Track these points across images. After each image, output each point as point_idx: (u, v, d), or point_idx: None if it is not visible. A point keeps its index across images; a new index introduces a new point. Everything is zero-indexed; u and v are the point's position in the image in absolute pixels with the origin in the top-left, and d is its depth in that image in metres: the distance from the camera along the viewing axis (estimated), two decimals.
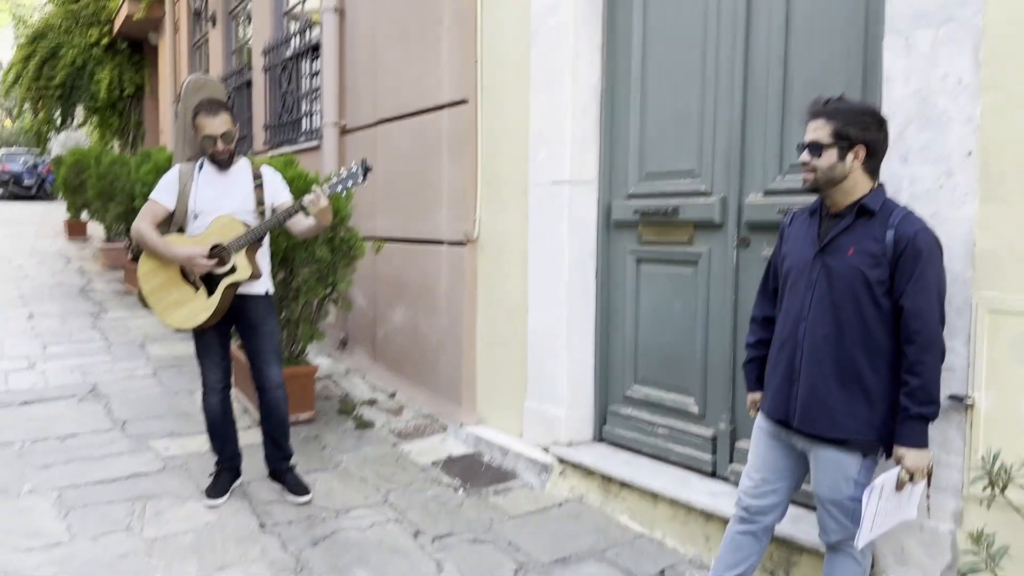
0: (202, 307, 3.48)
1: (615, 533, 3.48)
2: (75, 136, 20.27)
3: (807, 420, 2.35)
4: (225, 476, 3.76)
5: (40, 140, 14.96)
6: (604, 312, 4.00)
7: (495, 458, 4.23)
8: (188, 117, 3.71)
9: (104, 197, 8.67)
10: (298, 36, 6.96)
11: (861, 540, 2.26)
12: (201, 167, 3.59)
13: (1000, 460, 2.08)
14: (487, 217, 4.50)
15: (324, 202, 3.39)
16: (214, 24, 9.83)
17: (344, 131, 5.97)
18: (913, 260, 2.19)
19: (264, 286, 3.64)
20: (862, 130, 2.24)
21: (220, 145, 3.49)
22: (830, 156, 2.26)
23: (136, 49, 13.82)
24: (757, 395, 2.62)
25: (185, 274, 3.52)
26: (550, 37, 3.96)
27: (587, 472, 3.79)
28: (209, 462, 3.93)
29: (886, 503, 2.27)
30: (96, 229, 12.07)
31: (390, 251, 5.19)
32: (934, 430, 2.46)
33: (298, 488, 3.73)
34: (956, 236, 2.42)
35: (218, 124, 3.47)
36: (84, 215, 11.61)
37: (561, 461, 3.92)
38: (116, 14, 12.76)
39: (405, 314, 5.23)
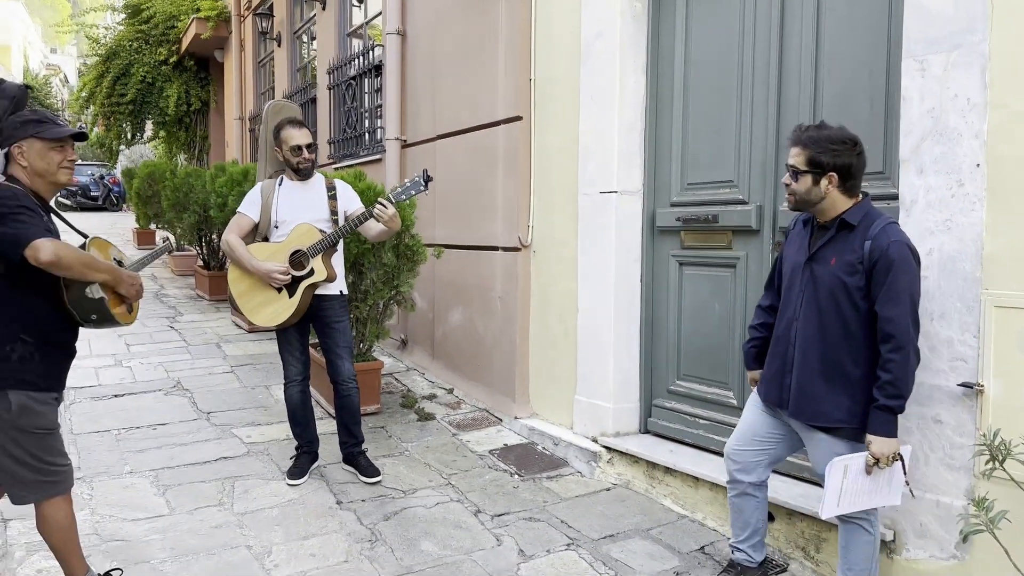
0: (284, 307, 3.87)
1: (659, 514, 3.79)
2: (139, 149, 21.17)
3: (797, 410, 2.68)
4: (304, 459, 4.15)
5: (111, 154, 15.74)
6: (649, 312, 4.31)
7: (547, 447, 4.57)
8: (270, 137, 4.13)
9: (178, 208, 9.21)
10: (361, 56, 7.39)
11: (824, 512, 2.55)
12: (281, 183, 4.00)
13: (1000, 436, 2.36)
14: (539, 225, 4.85)
15: (392, 210, 3.77)
16: (279, 43, 10.36)
17: (405, 145, 6.38)
18: (886, 269, 2.46)
19: (339, 287, 4.03)
20: (834, 157, 2.53)
21: (305, 153, 3.92)
22: (805, 181, 2.58)
23: (203, 66, 14.51)
24: (756, 373, 2.99)
25: None
26: (599, 59, 4.30)
27: (633, 459, 4.10)
28: (288, 448, 4.34)
29: (856, 483, 2.54)
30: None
31: (449, 256, 5.57)
32: (948, 414, 2.74)
33: (370, 470, 4.11)
34: (966, 239, 2.68)
35: (303, 136, 3.93)
36: (152, 225, 12.21)
37: (609, 450, 4.24)
38: (184, 33, 13.43)
39: (462, 315, 5.60)
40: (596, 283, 4.37)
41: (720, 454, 3.87)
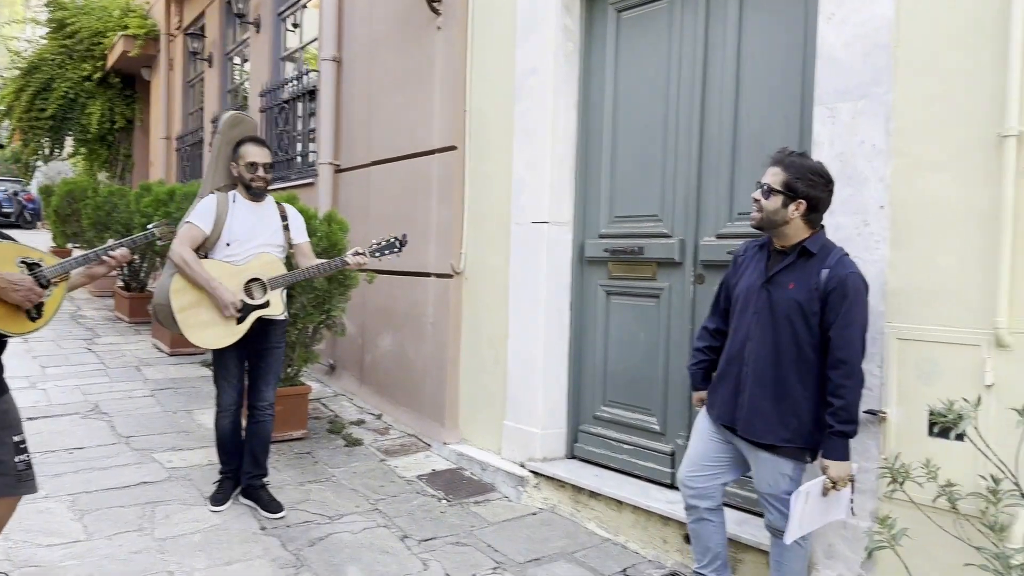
0: (229, 333, 3.75)
1: (584, 538, 3.87)
2: (57, 166, 20.47)
3: (749, 428, 2.78)
4: (228, 484, 4.07)
5: (26, 170, 15.19)
6: (577, 340, 4.42)
7: (475, 472, 4.61)
8: (226, 149, 3.96)
9: (99, 227, 8.95)
10: (295, 80, 7.39)
11: (788, 537, 2.68)
12: (234, 199, 3.87)
13: (900, 460, 2.53)
14: (472, 252, 4.94)
15: (367, 263, 3.82)
16: (210, 64, 10.25)
17: (339, 170, 6.40)
18: (841, 299, 2.60)
19: (284, 312, 3.94)
20: (808, 187, 2.65)
21: (261, 171, 3.83)
22: (775, 201, 2.69)
23: (128, 84, 14.18)
24: (703, 393, 3.06)
25: None
26: (532, 94, 4.44)
27: (560, 484, 4.18)
28: (211, 473, 4.27)
29: (813, 506, 2.69)
30: None
31: (380, 282, 5.59)
32: (855, 441, 2.91)
33: (273, 505, 3.95)
34: (871, 275, 2.87)
35: (262, 154, 3.87)
36: (70, 244, 11.81)
37: (536, 475, 4.31)
38: (110, 50, 13.13)
39: (393, 340, 5.62)
40: (526, 311, 4.47)
41: (643, 478, 4.01)
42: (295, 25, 7.92)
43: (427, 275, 5.22)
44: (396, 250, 3.92)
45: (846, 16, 2.98)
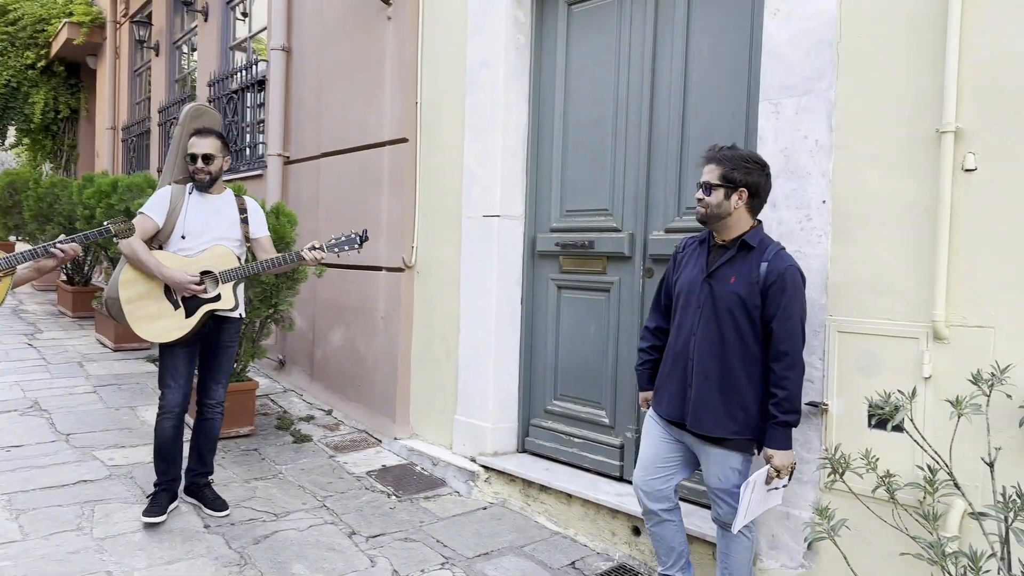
0: (177, 326, 3.61)
1: (533, 531, 3.87)
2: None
3: (697, 422, 2.79)
4: (163, 497, 3.80)
5: None
6: (528, 334, 4.41)
7: (426, 468, 4.58)
8: (184, 141, 3.83)
9: (41, 219, 8.69)
10: (245, 70, 7.25)
11: (736, 526, 2.71)
12: (191, 191, 3.74)
13: (840, 451, 2.57)
14: (423, 246, 4.89)
15: (325, 258, 3.69)
16: (157, 53, 10.01)
17: (288, 161, 6.30)
18: (780, 291, 2.64)
19: (239, 310, 3.82)
20: (745, 175, 2.69)
21: (200, 163, 3.68)
22: (718, 195, 2.71)
23: (74, 73, 13.77)
24: (649, 393, 3.07)
25: (169, 290, 3.64)
26: (484, 87, 4.41)
27: (510, 478, 4.17)
28: (152, 472, 4.15)
29: (757, 495, 2.72)
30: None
31: (331, 276, 5.52)
32: (797, 432, 2.95)
33: (217, 503, 3.86)
34: (813, 269, 2.91)
35: (204, 145, 3.69)
36: (13, 236, 11.46)
37: (487, 469, 4.29)
38: (54, 37, 12.74)
39: (344, 335, 5.55)
40: (478, 305, 4.44)
41: (593, 471, 4.02)
42: (244, 14, 7.77)
43: (378, 269, 5.16)
44: (356, 246, 3.77)
45: (791, 11, 3.00)
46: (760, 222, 2.81)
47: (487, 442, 4.37)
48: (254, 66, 7.09)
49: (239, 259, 3.75)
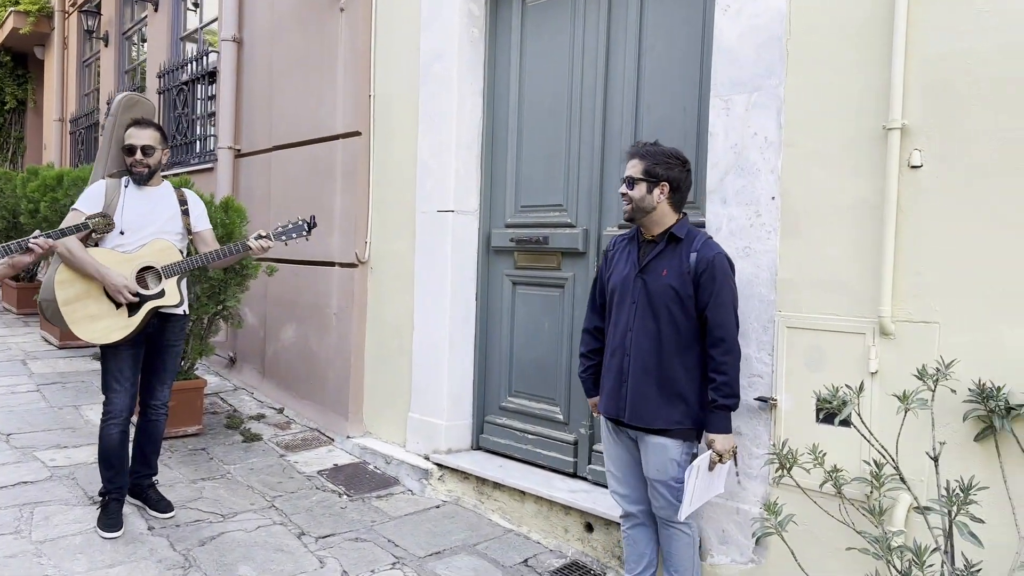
0: (120, 325, 3.45)
1: (487, 529, 3.83)
2: None
3: (635, 415, 2.79)
4: (115, 506, 3.62)
5: None
6: (483, 330, 4.37)
7: (379, 466, 4.52)
8: (119, 132, 3.67)
9: None
10: (195, 61, 7.09)
11: (682, 513, 2.71)
12: (127, 184, 3.59)
13: (788, 446, 2.57)
14: (377, 241, 4.82)
15: (272, 247, 3.56)
16: (106, 43, 9.75)
17: (239, 155, 6.17)
18: (711, 279, 2.68)
19: (183, 307, 3.69)
20: (667, 169, 2.74)
21: (138, 155, 3.53)
22: (641, 189, 2.75)
23: (20, 63, 13.39)
24: (597, 399, 3.04)
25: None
26: (437, 80, 4.35)
27: (464, 476, 4.13)
28: (96, 471, 4.02)
29: (701, 481, 2.73)
30: None
31: (283, 272, 5.41)
32: (746, 427, 2.96)
33: (162, 504, 3.76)
34: (763, 265, 2.92)
35: (143, 136, 3.55)
36: None
37: (440, 467, 4.25)
38: (0, 26, 12.37)
39: (295, 332, 5.45)
40: (432, 300, 4.39)
41: (547, 468, 4.00)
42: (195, 4, 7.61)
43: (331, 264, 5.07)
44: (304, 233, 3.66)
45: (741, 7, 3.00)
46: (686, 214, 2.83)
47: (441, 440, 4.32)
48: (205, 57, 6.93)
49: (181, 252, 3.63)
